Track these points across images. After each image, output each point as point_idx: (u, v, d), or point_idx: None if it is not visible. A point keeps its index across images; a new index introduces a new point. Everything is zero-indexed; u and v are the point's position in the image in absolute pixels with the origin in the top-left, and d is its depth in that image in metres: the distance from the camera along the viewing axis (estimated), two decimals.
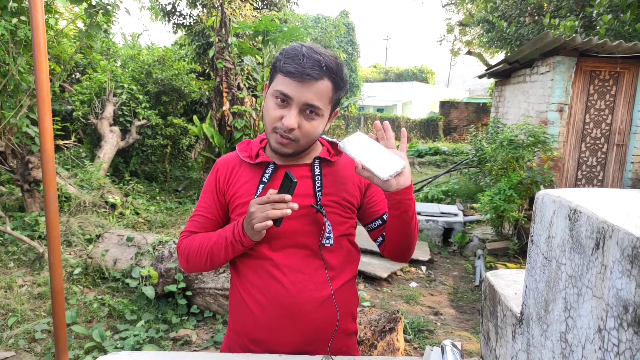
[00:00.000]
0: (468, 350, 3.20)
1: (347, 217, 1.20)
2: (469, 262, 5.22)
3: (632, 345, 0.55)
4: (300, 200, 1.13)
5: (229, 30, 6.84)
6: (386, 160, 1.05)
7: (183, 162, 9.10)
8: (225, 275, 3.51)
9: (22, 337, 3.04)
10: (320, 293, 1.15)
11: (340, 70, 1.11)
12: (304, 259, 1.15)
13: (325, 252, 1.16)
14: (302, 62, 1.05)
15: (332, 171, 1.21)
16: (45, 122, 1.96)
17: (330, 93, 1.11)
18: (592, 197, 0.76)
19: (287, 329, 1.14)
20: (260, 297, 1.15)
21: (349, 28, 26.40)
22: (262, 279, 1.15)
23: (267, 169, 1.18)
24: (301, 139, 1.11)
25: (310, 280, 1.15)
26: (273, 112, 1.10)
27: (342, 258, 1.20)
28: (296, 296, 1.13)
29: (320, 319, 1.15)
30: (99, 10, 4.62)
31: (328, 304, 1.16)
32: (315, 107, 1.09)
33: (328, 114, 1.15)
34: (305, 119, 1.10)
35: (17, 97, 4.58)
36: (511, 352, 0.96)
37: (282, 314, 1.13)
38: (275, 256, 1.15)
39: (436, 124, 21.41)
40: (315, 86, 1.07)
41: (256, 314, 1.15)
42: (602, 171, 5.98)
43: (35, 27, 1.89)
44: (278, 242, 1.15)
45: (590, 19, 7.36)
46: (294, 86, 1.06)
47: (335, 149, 1.24)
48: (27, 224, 4.81)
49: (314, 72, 1.06)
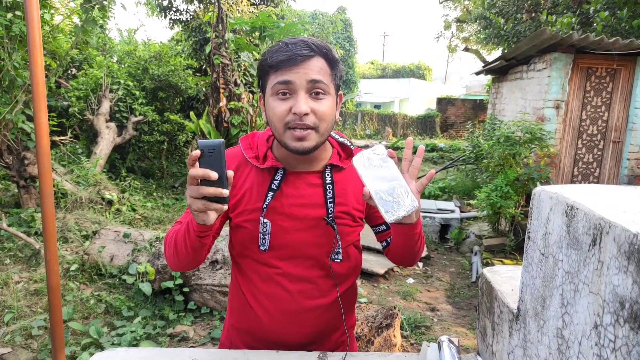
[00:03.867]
0: (465, 346, 3.21)
1: (355, 225, 1.18)
2: (465, 258, 5.23)
3: (628, 341, 0.55)
4: (310, 210, 1.11)
5: (226, 26, 6.81)
6: (398, 197, 0.93)
7: (180, 159, 9.07)
8: (222, 272, 3.51)
9: (18, 334, 3.03)
10: (325, 300, 1.15)
11: (330, 48, 1.06)
12: (310, 268, 1.14)
13: (333, 264, 1.15)
14: (289, 48, 1.01)
15: (342, 178, 1.16)
16: (41, 118, 1.95)
17: (328, 70, 1.05)
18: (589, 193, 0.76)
19: (292, 333, 1.15)
20: (266, 303, 1.14)
21: (346, 24, 26.32)
22: (269, 286, 1.14)
23: (277, 175, 1.11)
24: (319, 124, 1.03)
25: (316, 288, 1.14)
26: (279, 108, 1.02)
27: (348, 265, 1.19)
28: (302, 303, 1.13)
29: (325, 322, 1.17)
30: (95, 5, 4.59)
31: (334, 307, 1.17)
32: (320, 81, 1.01)
33: (334, 94, 1.08)
34: (314, 102, 1.02)
35: (12, 93, 4.55)
36: (508, 348, 0.97)
37: (288, 320, 1.13)
38: (282, 265, 1.13)
39: (433, 121, 21.41)
40: (311, 63, 1.01)
41: (261, 318, 1.15)
42: (598, 168, 6.00)
43: (30, 22, 1.88)
44: (286, 252, 1.12)
45: (587, 16, 7.37)
46: (291, 71, 1.00)
47: (346, 151, 1.19)
48: (23, 220, 4.79)
49: (304, 51, 1.00)
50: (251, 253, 1.14)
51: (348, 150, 1.19)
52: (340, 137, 1.20)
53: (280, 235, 1.11)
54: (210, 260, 3.56)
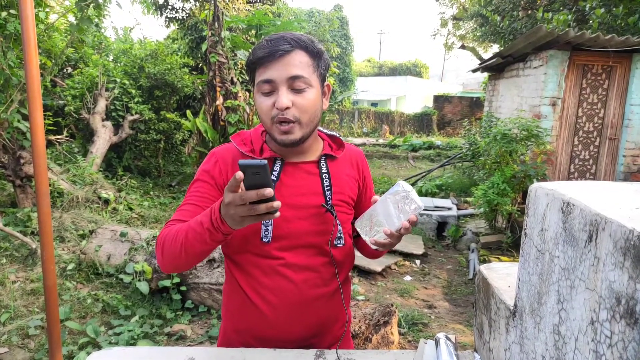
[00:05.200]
0: (462, 343, 3.22)
1: (350, 213, 1.23)
2: (462, 255, 5.25)
3: (624, 337, 0.55)
4: (310, 199, 1.14)
5: (222, 24, 6.79)
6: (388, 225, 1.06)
7: (176, 157, 9.05)
8: (220, 270, 3.51)
9: (15, 334, 3.02)
10: (328, 288, 1.18)
11: (311, 40, 1.09)
12: (313, 257, 1.16)
13: (333, 250, 1.17)
14: (269, 44, 1.06)
15: (336, 167, 1.21)
16: (36, 117, 1.94)
17: (309, 62, 1.08)
18: (585, 190, 0.76)
19: (295, 326, 1.15)
20: (270, 297, 1.14)
21: (342, 22, 26.28)
22: (272, 279, 1.13)
23: (275, 165, 1.14)
24: (301, 117, 1.07)
25: (319, 277, 1.16)
26: (264, 104, 1.07)
27: (345, 252, 1.22)
28: (306, 294, 1.14)
29: (327, 312, 1.19)
30: (90, 3, 4.56)
31: (336, 297, 1.20)
32: (300, 76, 1.05)
33: (318, 85, 1.11)
34: (296, 95, 1.06)
35: (7, 92, 4.53)
36: (505, 344, 0.97)
37: (292, 311, 1.14)
38: (286, 255, 1.14)
39: (430, 118, 21.42)
40: (291, 58, 1.05)
41: (265, 314, 1.14)
42: (594, 164, 6.02)
43: (24, 20, 1.87)
44: (288, 242, 1.13)
45: (583, 13, 7.39)
46: (272, 68, 1.05)
47: (337, 142, 1.24)
48: (19, 219, 4.77)
49: (283, 46, 1.05)
50: (252, 247, 1.13)
51: (338, 141, 1.25)
52: (329, 132, 1.27)
53: (282, 225, 1.12)
54: (207, 258, 3.56)
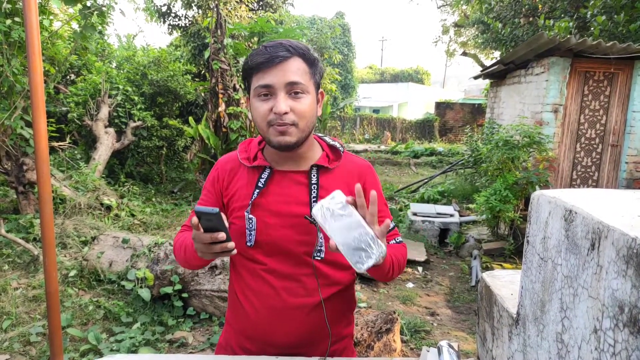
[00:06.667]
0: (464, 350, 3.20)
1: None
2: (465, 262, 5.23)
3: (628, 345, 0.55)
4: (294, 208, 1.14)
5: (225, 31, 6.83)
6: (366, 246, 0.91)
7: (179, 164, 9.08)
8: (222, 277, 3.50)
9: (16, 341, 3.02)
10: (311, 299, 1.16)
11: (307, 48, 1.13)
12: (296, 266, 1.15)
13: (317, 262, 1.16)
14: (267, 51, 1.08)
15: (330, 179, 1.18)
16: (39, 124, 1.95)
17: (306, 69, 1.11)
18: (588, 197, 0.76)
19: (278, 331, 1.16)
20: (253, 299, 1.17)
21: (344, 29, 26.40)
22: (256, 282, 1.17)
23: (263, 174, 1.17)
24: (298, 121, 1.09)
25: (301, 286, 1.16)
26: (262, 109, 1.09)
27: (334, 266, 1.18)
28: (287, 301, 1.15)
29: (311, 323, 1.16)
30: (94, 11, 4.60)
31: (319, 310, 1.16)
32: (298, 83, 1.08)
33: (314, 92, 1.14)
34: (293, 101, 1.08)
35: (11, 99, 4.55)
36: (507, 352, 0.96)
37: (273, 316, 1.15)
38: (268, 261, 1.16)
39: (432, 125, 21.45)
40: (289, 65, 1.08)
41: (250, 314, 1.18)
42: (597, 171, 6.01)
43: (29, 28, 1.89)
44: (271, 248, 1.16)
45: (584, 20, 7.40)
46: (270, 74, 1.07)
47: (335, 153, 1.23)
48: (21, 226, 4.78)
49: (281, 53, 1.08)
50: (240, 249, 1.17)
51: (337, 152, 1.23)
52: (333, 141, 1.25)
53: (264, 231, 1.15)
54: (209, 265, 3.55)
